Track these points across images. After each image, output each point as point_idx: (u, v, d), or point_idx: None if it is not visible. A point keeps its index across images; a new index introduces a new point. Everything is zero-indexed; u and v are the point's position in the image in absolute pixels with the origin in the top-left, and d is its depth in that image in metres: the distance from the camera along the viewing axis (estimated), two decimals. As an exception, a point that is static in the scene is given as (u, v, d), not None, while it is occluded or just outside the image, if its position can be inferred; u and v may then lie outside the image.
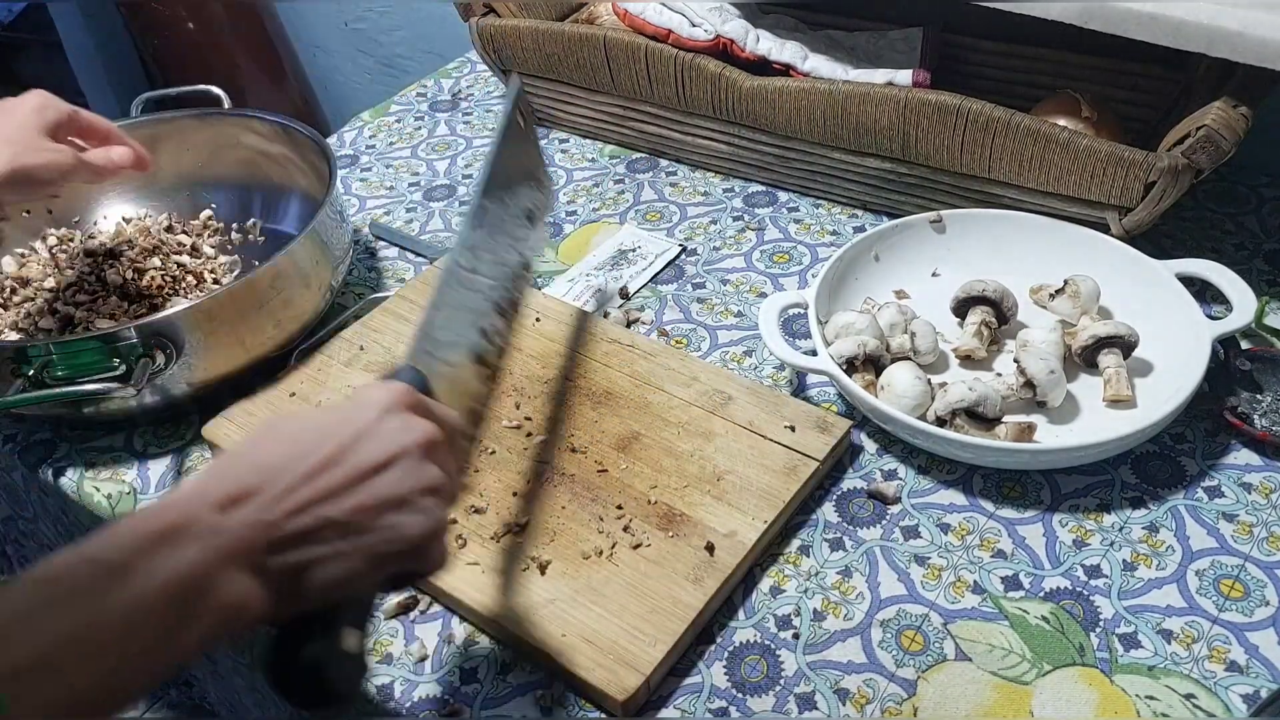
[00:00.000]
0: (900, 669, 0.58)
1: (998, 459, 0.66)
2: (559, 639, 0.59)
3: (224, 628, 0.38)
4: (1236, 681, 0.56)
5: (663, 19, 0.94)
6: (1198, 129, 0.70)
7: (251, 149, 0.95)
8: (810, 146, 0.90)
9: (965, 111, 0.78)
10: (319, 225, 0.80)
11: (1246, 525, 0.64)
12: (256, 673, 0.73)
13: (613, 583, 0.61)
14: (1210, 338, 0.68)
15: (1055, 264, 0.78)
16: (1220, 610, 0.59)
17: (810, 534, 0.66)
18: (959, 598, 0.61)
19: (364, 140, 1.13)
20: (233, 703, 0.84)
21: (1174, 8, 0.69)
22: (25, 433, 0.81)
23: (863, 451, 0.71)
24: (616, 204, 0.98)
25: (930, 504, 0.67)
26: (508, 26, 1.01)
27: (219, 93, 0.96)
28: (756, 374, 0.78)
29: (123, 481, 0.75)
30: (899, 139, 0.83)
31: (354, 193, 1.04)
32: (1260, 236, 0.86)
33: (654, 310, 0.85)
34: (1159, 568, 0.62)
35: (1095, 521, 0.65)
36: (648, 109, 0.99)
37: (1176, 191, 0.73)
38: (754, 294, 0.86)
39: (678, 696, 0.58)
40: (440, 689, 0.60)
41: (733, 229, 0.93)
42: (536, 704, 0.58)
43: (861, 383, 0.68)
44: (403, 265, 0.93)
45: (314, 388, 0.77)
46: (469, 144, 1.10)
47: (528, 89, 1.07)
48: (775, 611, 0.62)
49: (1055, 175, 0.77)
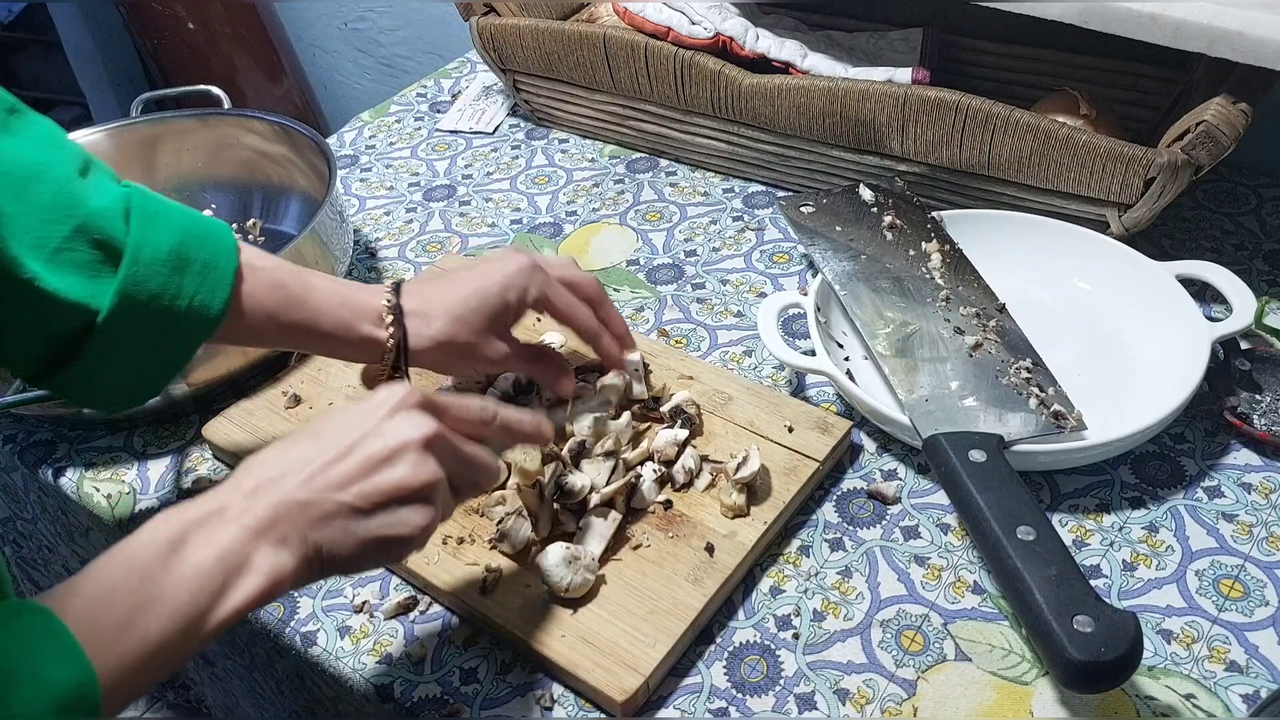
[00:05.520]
0: (900, 669, 0.58)
1: (997, 459, 0.66)
2: (559, 639, 0.59)
3: (266, 590, 0.45)
4: (1236, 681, 0.56)
5: (662, 17, 0.94)
6: (1197, 125, 0.70)
7: (251, 149, 0.95)
8: (810, 144, 0.90)
9: (964, 108, 0.78)
10: (319, 225, 0.80)
11: (1246, 525, 0.64)
12: (255, 675, 0.73)
13: (612, 583, 0.61)
14: (1210, 339, 0.68)
15: (1054, 265, 0.78)
16: (1220, 610, 0.59)
17: (810, 534, 0.66)
18: (959, 598, 0.61)
19: (364, 140, 1.13)
20: (230, 706, 0.84)
21: (1174, 8, 0.69)
22: (25, 433, 0.81)
23: (862, 451, 0.71)
24: (616, 204, 0.98)
25: (930, 504, 0.67)
26: (508, 26, 1.01)
27: (219, 93, 0.96)
28: (756, 374, 0.78)
29: (122, 481, 0.75)
30: (898, 136, 0.83)
31: (354, 193, 1.04)
32: (1260, 236, 0.86)
33: (654, 310, 0.85)
34: (1159, 568, 0.62)
35: (1095, 521, 0.65)
36: (647, 108, 0.99)
37: (1176, 188, 0.73)
38: (753, 294, 0.86)
39: (677, 697, 0.58)
40: (440, 689, 0.60)
41: (732, 229, 0.93)
42: (536, 704, 0.58)
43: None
44: (402, 265, 0.93)
45: (314, 388, 0.77)
46: (469, 144, 1.10)
47: (528, 88, 1.07)
48: (775, 612, 0.62)
49: (1055, 172, 0.77)
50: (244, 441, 0.73)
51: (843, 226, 0.81)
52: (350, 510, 0.47)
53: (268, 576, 0.45)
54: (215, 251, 0.59)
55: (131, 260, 0.56)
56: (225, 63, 1.89)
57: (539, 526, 0.64)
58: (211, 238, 0.59)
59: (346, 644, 0.63)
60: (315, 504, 0.47)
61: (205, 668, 0.82)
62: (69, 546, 0.85)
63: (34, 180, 0.55)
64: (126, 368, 0.58)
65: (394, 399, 0.50)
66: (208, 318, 0.58)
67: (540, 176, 1.03)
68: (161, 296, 0.57)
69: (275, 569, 0.46)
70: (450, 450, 0.51)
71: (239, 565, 0.45)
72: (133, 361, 0.58)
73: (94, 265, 0.56)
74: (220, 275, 0.59)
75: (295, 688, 0.68)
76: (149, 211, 0.58)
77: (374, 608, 0.64)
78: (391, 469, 0.48)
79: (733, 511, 0.64)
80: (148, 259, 0.56)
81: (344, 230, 0.86)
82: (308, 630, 0.64)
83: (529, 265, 0.66)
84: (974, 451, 0.61)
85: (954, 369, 0.69)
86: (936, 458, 0.62)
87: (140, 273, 0.56)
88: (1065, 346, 0.73)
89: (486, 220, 0.98)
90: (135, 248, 0.56)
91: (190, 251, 0.58)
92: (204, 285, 0.58)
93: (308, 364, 0.79)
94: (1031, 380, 0.68)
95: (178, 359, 0.60)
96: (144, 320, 0.57)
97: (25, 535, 0.90)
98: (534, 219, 0.97)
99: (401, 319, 0.63)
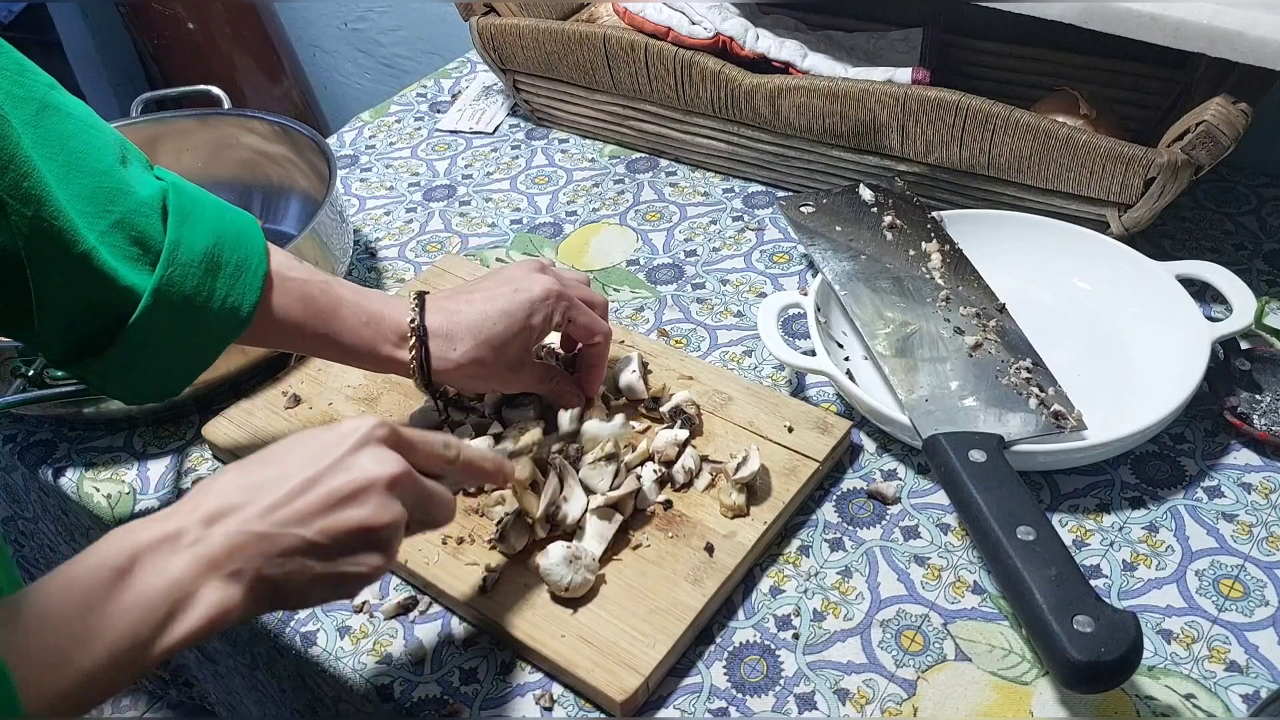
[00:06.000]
0: (900, 669, 0.58)
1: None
2: (559, 639, 0.59)
3: (209, 625, 0.44)
4: (1236, 681, 0.56)
5: (662, 16, 0.94)
6: (1197, 124, 0.70)
7: (251, 149, 0.95)
8: (809, 144, 0.90)
9: (964, 108, 0.78)
10: (319, 225, 0.80)
11: (1246, 525, 0.64)
12: (256, 673, 0.73)
13: (612, 583, 0.61)
14: (1210, 339, 0.68)
15: (1054, 265, 0.78)
16: (1220, 610, 0.59)
17: (810, 534, 0.66)
18: (959, 598, 0.61)
19: (364, 140, 1.13)
20: (232, 703, 0.84)
21: (1174, 8, 0.69)
22: (25, 433, 0.81)
23: (862, 451, 0.71)
24: (616, 204, 0.98)
25: (930, 504, 0.67)
26: (508, 26, 1.01)
27: (219, 93, 0.96)
28: (756, 374, 0.78)
29: (122, 482, 0.75)
30: (898, 136, 0.83)
31: (354, 193, 1.04)
32: (1260, 236, 0.86)
33: (654, 310, 0.85)
34: (1159, 568, 0.62)
35: (1095, 521, 0.65)
36: (647, 108, 0.99)
37: (1176, 188, 0.73)
38: (753, 294, 0.86)
39: (677, 697, 0.58)
40: (440, 689, 0.60)
41: (732, 229, 0.93)
42: (536, 704, 0.58)
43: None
44: (402, 265, 0.93)
45: (314, 388, 0.77)
46: (469, 144, 1.10)
47: (528, 88, 1.07)
48: (775, 612, 0.62)
49: (1055, 172, 0.77)
50: (244, 441, 0.73)
51: (843, 226, 0.81)
52: (310, 546, 0.46)
53: (214, 609, 0.44)
54: (247, 253, 0.59)
55: (168, 261, 0.56)
56: (225, 63, 1.89)
57: (536, 528, 0.64)
58: (244, 237, 0.60)
59: (346, 644, 0.63)
60: (274, 537, 0.45)
61: (208, 665, 0.82)
62: (70, 546, 0.85)
63: (75, 168, 0.54)
64: (154, 363, 0.58)
65: (361, 431, 0.49)
66: (237, 319, 0.59)
67: (540, 176, 1.03)
68: (194, 298, 0.57)
69: (222, 603, 0.44)
70: (414, 490, 0.50)
71: (185, 597, 0.43)
72: (160, 358, 0.58)
73: (132, 260, 0.56)
74: (251, 278, 0.59)
75: (297, 687, 0.68)
76: (185, 209, 0.58)
77: (374, 608, 0.64)
78: (356, 507, 0.47)
79: (732, 511, 0.64)
80: (184, 260, 0.56)
81: (344, 230, 0.86)
82: (308, 630, 0.64)
83: (556, 290, 0.65)
84: (974, 451, 0.61)
85: (954, 369, 0.69)
86: (936, 458, 0.62)
87: (176, 274, 0.56)
88: (1065, 346, 0.73)
89: (486, 220, 0.98)
90: (172, 247, 0.56)
91: (224, 253, 0.58)
92: (235, 288, 0.58)
93: (308, 364, 0.79)
94: (1031, 380, 0.68)
95: (204, 358, 0.60)
96: (176, 319, 0.57)
97: (26, 535, 0.90)
98: (534, 219, 0.97)
99: (425, 340, 0.63)
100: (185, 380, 0.61)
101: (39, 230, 0.51)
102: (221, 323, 0.58)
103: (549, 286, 0.65)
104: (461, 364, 0.63)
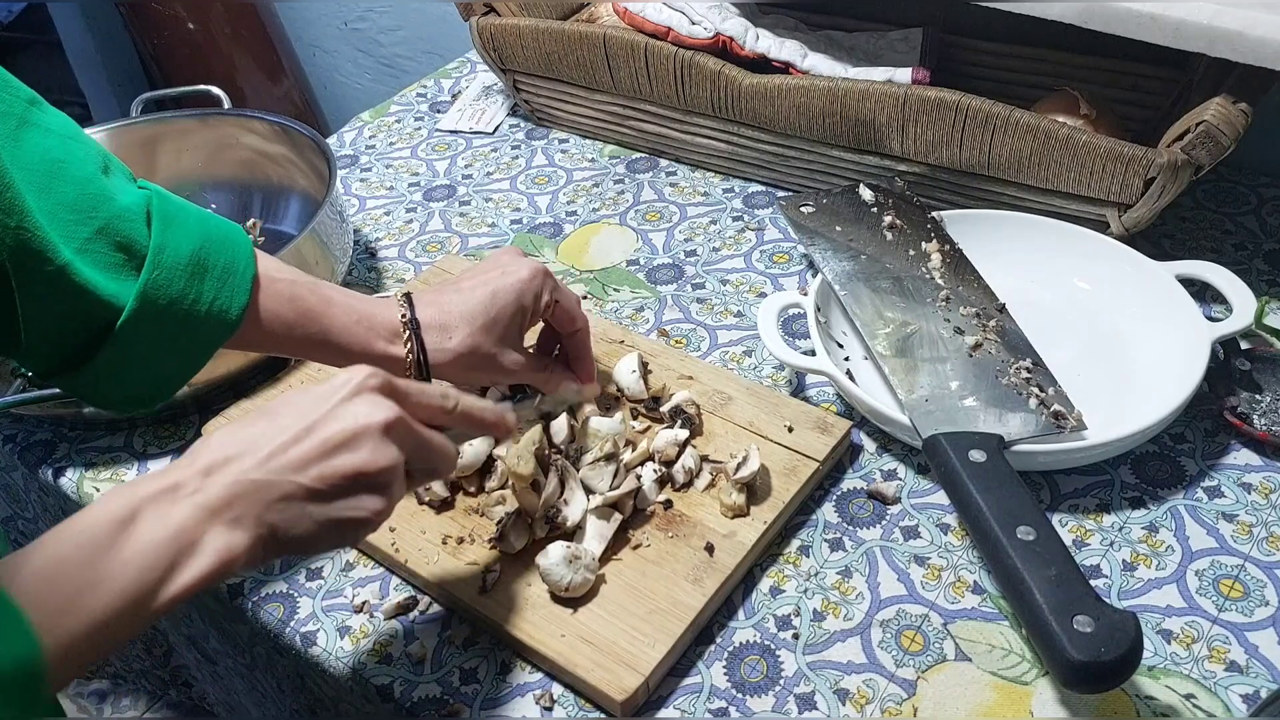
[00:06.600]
0: (900, 669, 0.58)
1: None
2: (559, 639, 0.59)
3: (214, 571, 0.45)
4: (1236, 681, 0.56)
5: (662, 16, 0.94)
6: (1197, 125, 0.70)
7: (251, 149, 0.95)
8: (809, 144, 0.90)
9: (964, 108, 0.78)
10: (319, 225, 0.80)
11: (1246, 525, 0.64)
12: (256, 674, 0.73)
13: (612, 583, 0.61)
14: (1210, 339, 0.68)
15: (1054, 265, 0.78)
16: (1220, 610, 0.59)
17: (810, 534, 0.66)
18: (959, 598, 0.61)
19: (364, 140, 1.13)
20: (232, 704, 0.84)
21: (1174, 8, 0.69)
22: (25, 433, 0.81)
23: (862, 451, 0.71)
24: (616, 204, 0.98)
25: (930, 504, 0.67)
26: (508, 26, 1.01)
27: (219, 93, 0.96)
28: (756, 374, 0.78)
29: (122, 481, 0.75)
30: (898, 136, 0.83)
31: (354, 193, 1.04)
32: (1260, 236, 0.86)
33: (654, 310, 0.85)
34: (1159, 568, 0.62)
35: (1095, 521, 0.65)
36: (647, 108, 0.99)
37: (1176, 188, 0.73)
38: (753, 294, 0.86)
39: (677, 697, 0.58)
40: (440, 689, 0.60)
41: (732, 229, 0.93)
42: (536, 704, 0.58)
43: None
44: (402, 265, 0.93)
45: (314, 388, 0.77)
46: (469, 144, 1.10)
47: (528, 88, 1.07)
48: (775, 612, 0.62)
49: (1055, 172, 0.77)
50: (244, 441, 0.73)
51: (843, 226, 0.81)
52: (307, 492, 0.47)
53: (218, 556, 0.45)
54: (234, 256, 0.59)
55: (154, 264, 0.56)
56: (225, 63, 1.89)
57: (536, 528, 0.64)
58: (230, 242, 0.59)
59: (346, 644, 0.63)
60: (272, 485, 0.46)
61: (207, 666, 0.82)
62: (69, 546, 0.85)
63: (57, 178, 0.54)
64: (143, 370, 0.58)
65: (355, 380, 0.50)
66: (226, 322, 0.58)
67: (540, 176, 1.03)
68: (181, 301, 0.57)
69: (226, 549, 0.45)
70: (409, 435, 0.50)
71: (190, 544, 0.44)
72: (149, 364, 0.58)
73: (116, 267, 0.55)
74: (239, 281, 0.59)
75: (296, 687, 0.68)
76: (169, 215, 0.58)
77: (374, 608, 0.64)
78: (351, 453, 0.48)
79: (732, 511, 0.64)
80: (169, 264, 0.56)
81: (344, 230, 0.86)
82: (308, 630, 0.64)
83: (541, 269, 0.66)
84: (974, 451, 0.61)
85: (954, 369, 0.69)
86: (936, 458, 0.62)
87: (162, 277, 0.56)
88: (1065, 346, 0.73)
89: (486, 220, 0.98)
90: (157, 251, 0.56)
91: (210, 256, 0.58)
92: (223, 290, 0.58)
93: (308, 364, 0.79)
94: (1031, 380, 0.68)
95: (194, 363, 0.60)
96: (163, 323, 0.56)
97: (27, 535, 0.90)
98: (534, 219, 0.97)
99: (419, 334, 0.63)
100: (173, 387, 0.60)
101: (21, 242, 0.51)
102: (210, 326, 0.58)
103: (535, 266, 0.65)
104: (459, 353, 0.63)
